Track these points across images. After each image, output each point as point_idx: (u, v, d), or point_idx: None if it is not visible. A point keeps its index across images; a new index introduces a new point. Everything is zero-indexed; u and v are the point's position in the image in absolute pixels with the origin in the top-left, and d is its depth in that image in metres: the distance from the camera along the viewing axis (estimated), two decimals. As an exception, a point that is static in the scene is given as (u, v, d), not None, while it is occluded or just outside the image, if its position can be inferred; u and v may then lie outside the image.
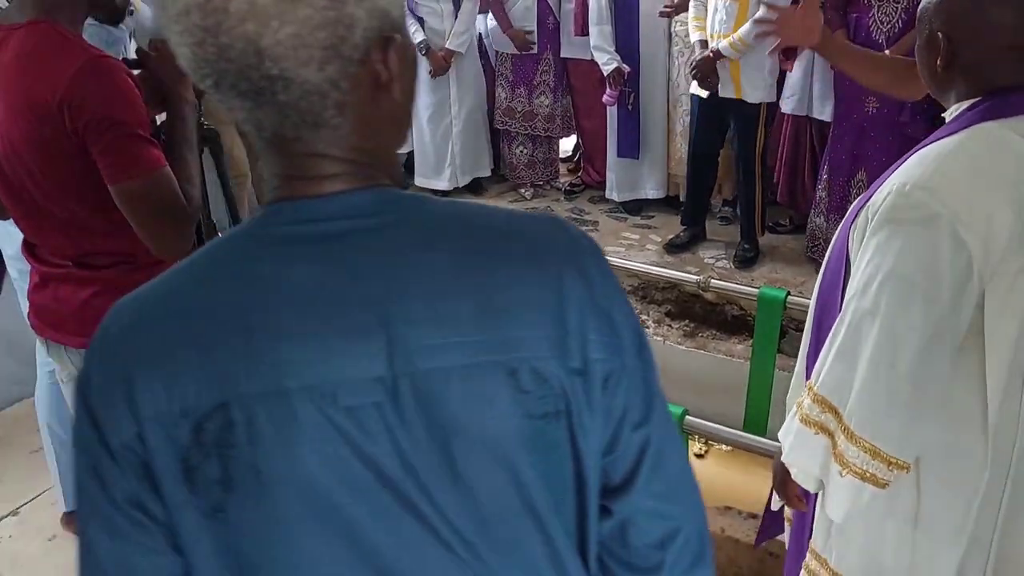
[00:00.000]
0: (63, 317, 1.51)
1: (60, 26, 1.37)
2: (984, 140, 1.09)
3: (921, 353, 1.07)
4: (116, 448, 0.62)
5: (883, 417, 1.11)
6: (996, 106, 1.10)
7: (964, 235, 1.03)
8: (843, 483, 1.15)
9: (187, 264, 0.66)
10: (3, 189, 1.47)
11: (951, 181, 1.06)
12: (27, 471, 2.60)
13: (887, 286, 1.07)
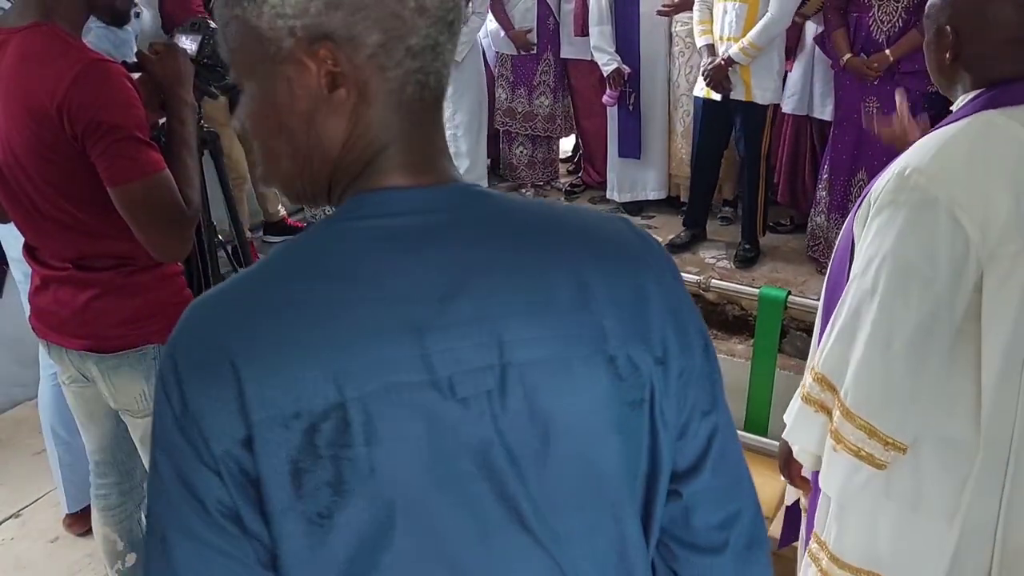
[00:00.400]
0: (63, 319, 1.52)
1: (60, 29, 1.38)
2: (984, 127, 1.11)
3: (917, 334, 1.09)
4: (218, 455, 0.57)
5: (879, 396, 1.13)
6: (998, 95, 1.12)
7: (961, 218, 1.05)
8: (837, 459, 1.17)
9: (278, 258, 0.63)
10: (3, 192, 1.47)
11: (950, 166, 1.08)
12: (29, 473, 2.60)
13: (886, 267, 1.09)
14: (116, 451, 1.75)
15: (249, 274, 0.63)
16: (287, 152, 0.66)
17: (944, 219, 1.06)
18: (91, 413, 1.69)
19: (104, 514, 1.81)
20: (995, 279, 1.08)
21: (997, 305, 1.09)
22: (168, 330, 1.64)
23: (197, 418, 0.58)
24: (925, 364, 1.11)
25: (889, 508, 1.22)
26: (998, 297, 1.08)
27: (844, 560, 1.29)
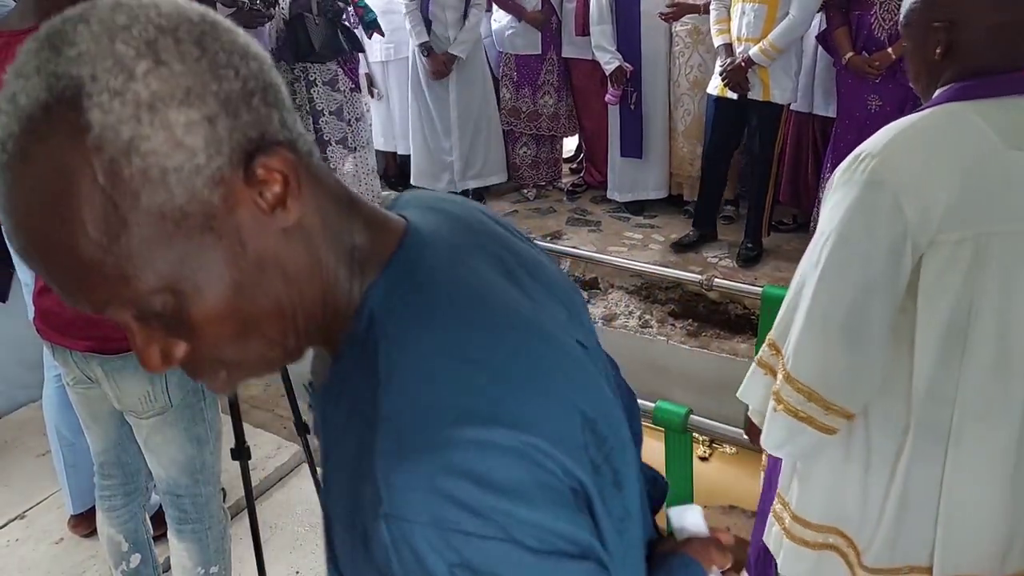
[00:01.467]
0: (67, 321, 1.52)
1: None
2: (944, 118, 1.14)
3: (854, 308, 1.13)
4: (572, 491, 0.55)
5: (817, 363, 1.18)
6: (965, 88, 1.15)
7: (904, 204, 1.09)
8: (776, 418, 1.23)
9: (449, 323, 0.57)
10: None
11: (901, 152, 1.11)
12: (34, 475, 2.61)
13: (830, 242, 1.14)
14: (120, 452, 1.76)
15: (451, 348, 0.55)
16: (268, 328, 0.55)
17: (887, 202, 1.10)
18: (95, 414, 1.70)
19: (109, 515, 1.82)
20: (934, 265, 1.11)
21: (935, 291, 1.12)
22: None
23: (563, 460, 0.54)
24: (863, 338, 1.15)
25: (847, 469, 1.28)
26: (937, 283, 1.12)
27: (806, 518, 1.34)
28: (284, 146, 0.52)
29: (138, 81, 0.47)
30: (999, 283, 1.11)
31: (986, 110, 1.12)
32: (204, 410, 1.65)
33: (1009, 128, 1.11)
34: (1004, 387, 1.16)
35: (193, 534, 1.74)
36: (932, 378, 1.16)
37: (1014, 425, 1.17)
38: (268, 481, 2.58)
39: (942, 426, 1.18)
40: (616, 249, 4.13)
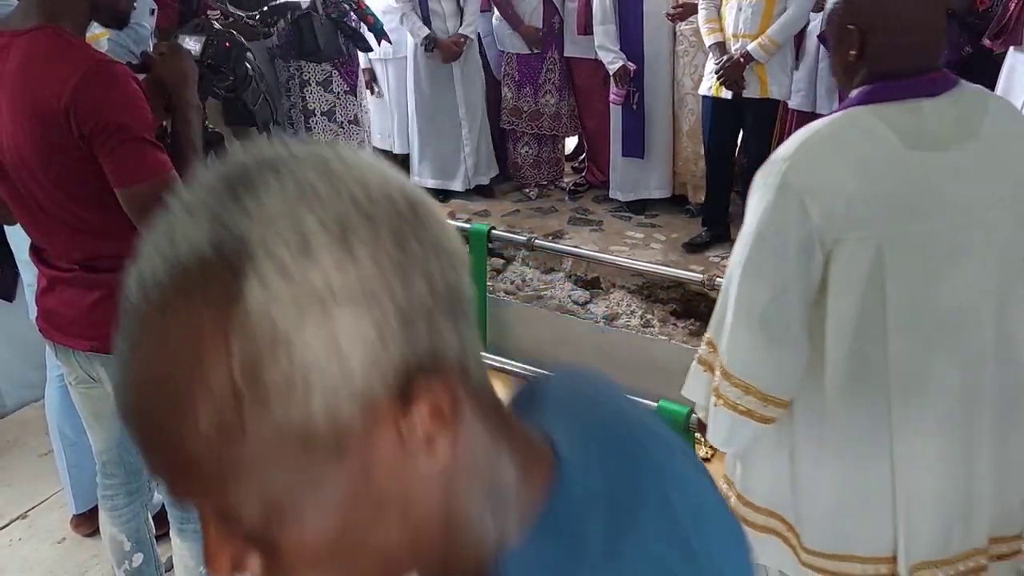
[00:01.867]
0: (70, 320, 1.52)
1: (65, 31, 1.38)
2: (848, 121, 1.20)
3: (773, 304, 1.20)
4: None
5: (748, 358, 1.25)
6: (870, 92, 1.21)
7: (809, 205, 1.15)
8: (717, 413, 1.30)
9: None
10: (10, 194, 1.48)
11: (808, 156, 1.18)
12: (36, 474, 2.61)
13: (749, 242, 1.21)
14: (123, 451, 1.76)
15: None
16: (365, 568, 0.45)
17: (795, 204, 1.16)
18: (98, 414, 1.69)
19: (111, 514, 1.82)
20: (841, 263, 1.17)
21: (843, 286, 1.18)
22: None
23: None
24: (783, 332, 1.21)
25: (777, 456, 1.33)
26: (844, 280, 1.18)
27: (749, 499, 1.39)
28: (453, 370, 0.43)
29: (315, 266, 0.38)
30: (905, 277, 1.17)
31: (887, 113, 1.17)
32: (207, 409, 1.64)
33: (909, 130, 1.16)
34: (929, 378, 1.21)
35: (196, 533, 1.74)
36: (846, 369, 1.21)
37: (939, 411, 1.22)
38: (270, 481, 2.58)
39: (876, 417, 1.23)
40: (618, 249, 4.13)
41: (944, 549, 1.28)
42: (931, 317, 1.19)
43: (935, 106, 1.17)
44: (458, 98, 4.60)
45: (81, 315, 1.51)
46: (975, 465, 1.25)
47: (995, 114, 1.20)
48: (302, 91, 4.04)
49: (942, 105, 1.17)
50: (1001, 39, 2.85)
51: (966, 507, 1.27)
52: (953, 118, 1.17)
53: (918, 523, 1.26)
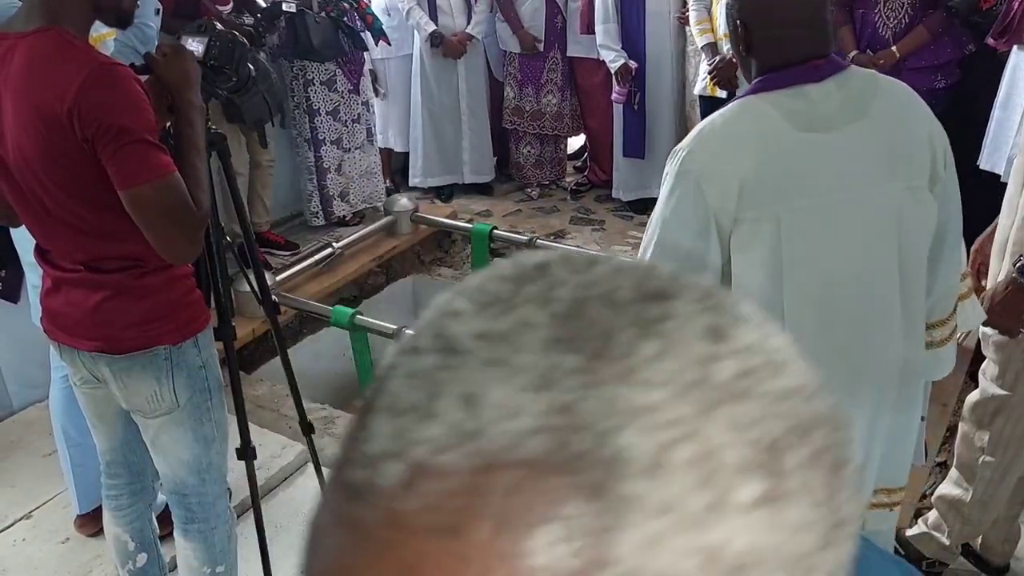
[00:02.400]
0: (75, 321, 1.52)
1: (68, 33, 1.38)
2: (739, 109, 1.28)
3: None
4: None
5: None
6: (761, 83, 1.28)
7: (705, 189, 1.22)
8: None
9: None
10: (14, 196, 1.48)
11: (704, 144, 1.26)
12: (40, 475, 2.61)
13: (655, 226, 1.29)
14: (127, 451, 1.76)
15: None
16: None
17: (692, 189, 1.23)
18: (102, 414, 1.70)
19: (115, 514, 1.82)
20: (739, 242, 1.24)
21: (743, 265, 1.24)
22: (178, 331, 1.64)
23: None
24: None
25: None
26: (743, 258, 1.24)
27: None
28: None
29: (727, 516, 0.24)
30: (804, 255, 1.23)
31: (777, 99, 1.24)
32: (211, 410, 1.65)
33: (797, 113, 1.23)
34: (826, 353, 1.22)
35: (199, 534, 1.74)
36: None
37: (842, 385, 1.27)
38: (273, 481, 2.58)
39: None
40: (620, 248, 4.12)
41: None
42: (827, 292, 1.25)
43: (820, 90, 1.24)
44: (461, 95, 4.60)
45: (86, 316, 1.51)
46: (874, 434, 1.32)
47: (885, 96, 1.27)
48: (306, 91, 4.04)
49: (827, 89, 1.24)
50: (1005, 38, 2.85)
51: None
52: (840, 100, 1.24)
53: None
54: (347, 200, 4.31)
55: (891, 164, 1.26)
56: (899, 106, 1.29)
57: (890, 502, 1.46)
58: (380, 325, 3.12)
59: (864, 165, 1.24)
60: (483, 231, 3.87)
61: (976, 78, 3.26)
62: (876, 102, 1.26)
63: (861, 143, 1.24)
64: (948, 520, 2.02)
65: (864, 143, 1.24)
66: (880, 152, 1.25)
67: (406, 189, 4.84)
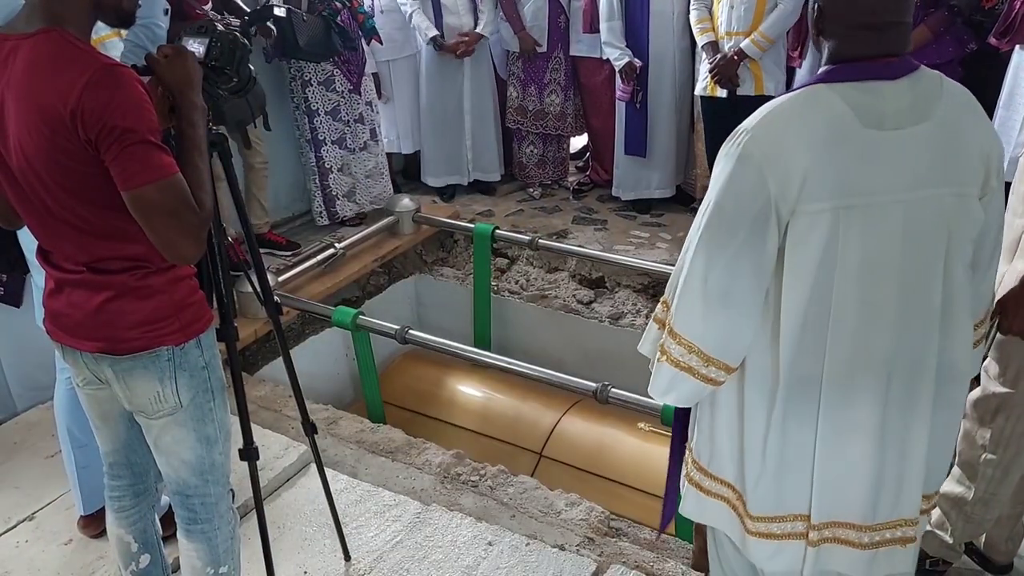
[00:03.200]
0: (78, 322, 1.52)
1: (70, 35, 1.38)
2: (807, 97, 1.26)
3: (726, 272, 1.25)
4: None
5: (694, 320, 1.30)
6: (831, 72, 1.27)
7: (767, 176, 1.20)
8: (660, 368, 1.36)
9: None
10: (16, 197, 1.48)
11: (769, 129, 1.24)
12: (43, 476, 2.61)
13: (709, 210, 1.27)
14: (130, 452, 1.76)
15: None
16: None
17: (753, 174, 1.21)
18: (105, 415, 1.70)
19: (118, 515, 1.82)
20: (796, 234, 1.22)
21: (798, 257, 1.23)
22: (181, 332, 1.64)
23: None
24: (734, 299, 1.26)
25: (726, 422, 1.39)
26: (799, 250, 1.23)
27: (704, 465, 1.45)
28: None
29: None
30: (857, 251, 1.22)
31: (847, 92, 1.23)
32: (214, 410, 1.65)
33: (866, 109, 1.22)
34: (866, 349, 1.26)
35: (203, 534, 1.74)
36: (800, 339, 1.26)
37: (879, 383, 1.28)
38: (276, 481, 2.58)
39: (812, 384, 1.28)
40: (623, 248, 4.12)
41: (871, 515, 1.35)
42: (875, 290, 1.25)
43: (893, 88, 1.24)
44: (465, 94, 4.60)
45: (88, 316, 1.51)
46: (913, 440, 1.32)
47: (948, 99, 1.27)
48: (304, 91, 4.05)
49: (900, 88, 1.24)
50: (1007, 38, 2.84)
51: (894, 478, 1.33)
52: (909, 101, 1.24)
53: (835, 485, 1.33)
54: (354, 200, 4.31)
55: (947, 169, 1.25)
56: (962, 112, 1.28)
57: (928, 508, 1.44)
58: (382, 325, 3.13)
59: (923, 167, 1.24)
60: (485, 231, 3.87)
61: (978, 76, 3.26)
62: (941, 105, 1.25)
63: (923, 145, 1.23)
64: (951, 518, 2.02)
65: (926, 145, 1.23)
66: (939, 156, 1.24)
67: (411, 188, 4.84)
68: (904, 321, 1.27)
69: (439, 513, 2.44)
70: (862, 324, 1.26)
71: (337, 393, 3.80)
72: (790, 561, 1.39)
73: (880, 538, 1.36)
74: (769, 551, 1.40)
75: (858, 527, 1.35)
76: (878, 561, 1.38)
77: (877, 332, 1.26)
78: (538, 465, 3.22)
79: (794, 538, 1.38)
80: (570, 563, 2.23)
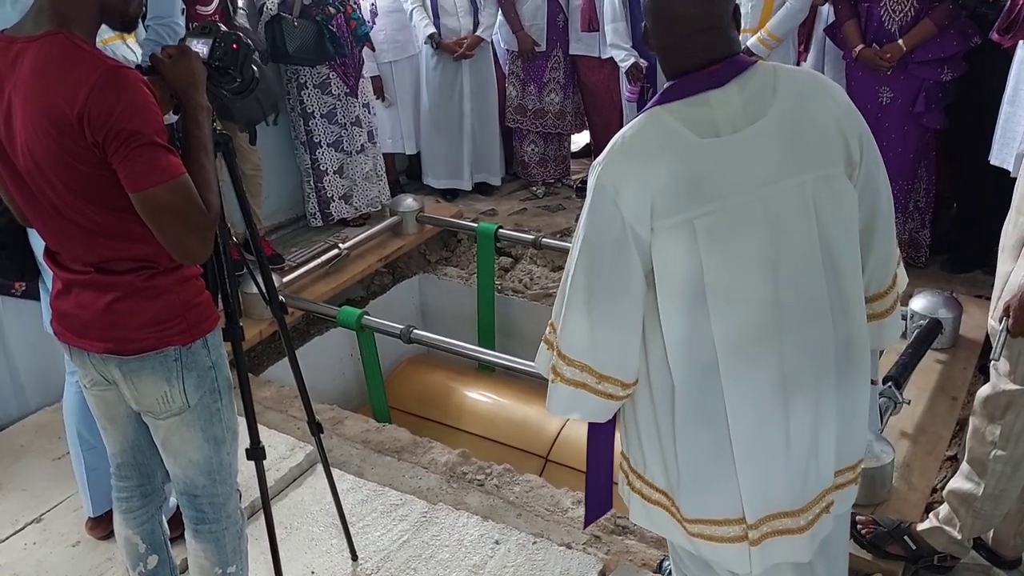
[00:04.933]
0: (85, 323, 1.53)
1: (76, 37, 1.38)
2: (647, 123, 1.30)
3: (602, 295, 1.30)
4: None
5: (580, 340, 1.34)
6: (663, 94, 1.32)
7: (619, 203, 1.26)
8: (555, 389, 1.41)
9: None
10: (24, 199, 1.48)
11: (615, 159, 1.29)
12: (50, 478, 2.62)
13: (579, 239, 1.32)
14: (136, 453, 1.76)
15: None
16: None
17: (608, 203, 1.27)
18: (112, 416, 1.70)
19: (126, 516, 1.82)
20: (659, 249, 1.27)
21: (665, 270, 1.28)
22: (188, 332, 1.65)
23: None
24: (614, 318, 1.31)
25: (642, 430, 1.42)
26: (665, 265, 1.27)
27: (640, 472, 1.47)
28: None
29: None
30: (721, 255, 1.26)
31: (678, 109, 1.28)
32: (221, 410, 1.65)
33: (700, 121, 1.26)
34: (758, 346, 1.30)
35: (210, 534, 1.74)
36: (687, 345, 1.30)
37: (774, 372, 1.31)
38: (283, 482, 2.59)
39: (712, 388, 1.31)
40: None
41: (800, 498, 1.38)
42: (751, 290, 1.28)
43: (720, 95, 1.27)
44: (464, 96, 4.60)
45: (96, 317, 1.51)
46: (821, 419, 1.35)
47: (785, 89, 1.29)
48: (299, 94, 4.05)
49: (728, 93, 1.27)
50: (1010, 34, 2.82)
51: (812, 458, 1.36)
52: (741, 103, 1.27)
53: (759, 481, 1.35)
54: (351, 203, 4.31)
55: (797, 157, 1.28)
56: (801, 97, 1.30)
57: (854, 477, 1.47)
58: (387, 325, 3.13)
59: (769, 162, 1.27)
60: (489, 230, 3.87)
61: (983, 69, 3.25)
62: (776, 98, 1.28)
63: (764, 141, 1.27)
64: (960, 514, 2.01)
65: (767, 140, 1.27)
66: (784, 147, 1.27)
67: (414, 188, 4.84)
68: (789, 309, 1.29)
69: (445, 512, 2.44)
70: (748, 323, 1.29)
71: (342, 393, 3.80)
72: (736, 561, 1.42)
73: (812, 516, 1.40)
74: (716, 552, 1.43)
75: (792, 513, 1.38)
76: (815, 536, 1.42)
77: (765, 328, 1.29)
78: (544, 469, 3.22)
79: (733, 541, 1.40)
80: (577, 561, 2.23)
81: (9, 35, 1.43)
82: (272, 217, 4.28)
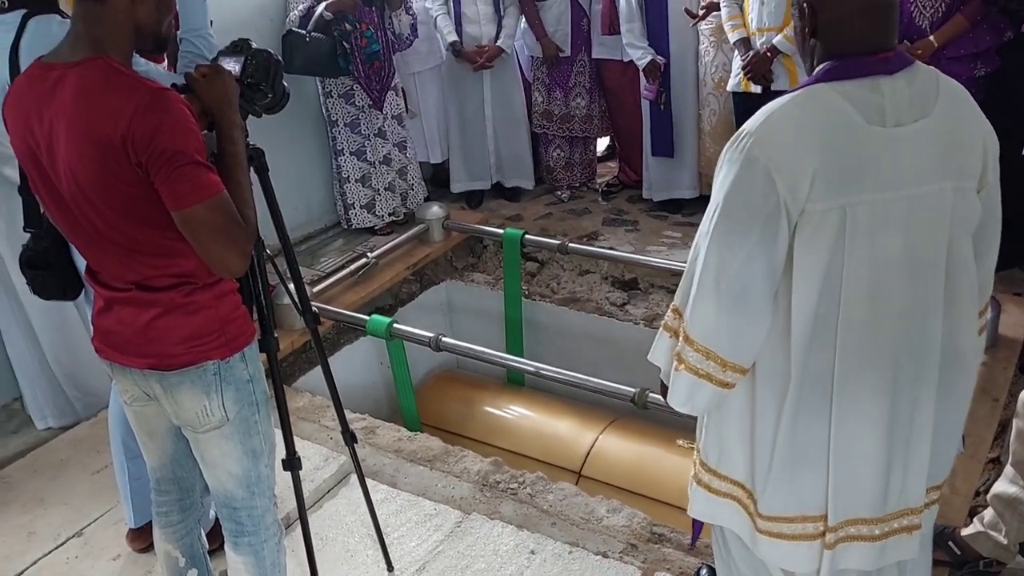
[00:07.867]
0: (127, 339, 1.55)
1: (115, 61, 1.41)
2: (810, 98, 1.26)
3: (739, 275, 1.26)
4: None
5: (709, 325, 1.30)
6: (830, 70, 1.27)
7: (775, 178, 1.21)
8: (678, 376, 1.36)
9: None
10: (65, 221, 1.51)
11: (772, 131, 1.24)
12: (90, 492, 2.65)
13: (716, 214, 1.27)
14: (176, 468, 1.78)
15: None
16: None
17: (761, 177, 1.22)
18: (152, 431, 1.72)
19: (165, 531, 1.84)
20: (806, 233, 1.23)
21: (807, 256, 1.24)
22: (226, 346, 1.66)
23: None
24: (747, 301, 1.27)
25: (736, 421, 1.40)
26: (808, 249, 1.24)
27: (710, 464, 1.46)
28: None
29: None
30: (865, 247, 1.24)
31: (847, 90, 1.24)
32: (259, 423, 1.66)
33: (869, 106, 1.23)
34: (874, 342, 1.28)
35: (250, 547, 1.75)
36: (811, 336, 1.27)
37: (888, 374, 1.29)
38: (317, 492, 2.60)
39: (823, 380, 1.29)
40: (656, 248, 4.10)
41: (881, 507, 1.36)
42: (881, 285, 1.26)
43: (892, 84, 1.24)
44: (486, 100, 4.61)
45: (137, 334, 1.53)
46: (918, 428, 1.33)
47: (945, 96, 1.28)
48: (326, 102, 4.14)
49: (898, 83, 1.25)
50: (1043, 27, 2.76)
51: (901, 468, 1.35)
52: (908, 97, 1.25)
53: (850, 482, 1.33)
54: (373, 212, 4.34)
55: (946, 164, 1.26)
56: (958, 107, 1.29)
57: (937, 498, 1.46)
58: (417, 334, 3.13)
59: (924, 163, 1.25)
60: (515, 236, 3.87)
61: (1015, 64, 3.19)
62: (939, 101, 1.27)
63: (924, 141, 1.25)
64: (1004, 519, 1.97)
65: (927, 141, 1.25)
66: (941, 151, 1.26)
67: (439, 196, 4.85)
68: (911, 313, 1.28)
69: (480, 522, 2.44)
70: (871, 318, 1.27)
71: (373, 402, 3.81)
72: (803, 561, 1.41)
73: (889, 528, 1.38)
74: (781, 550, 1.41)
75: (869, 521, 1.37)
76: (887, 551, 1.40)
77: (885, 325, 1.28)
78: (577, 484, 3.20)
79: (807, 539, 1.39)
80: (614, 571, 2.21)
81: (47, 62, 1.46)
82: (300, 228, 4.31)
